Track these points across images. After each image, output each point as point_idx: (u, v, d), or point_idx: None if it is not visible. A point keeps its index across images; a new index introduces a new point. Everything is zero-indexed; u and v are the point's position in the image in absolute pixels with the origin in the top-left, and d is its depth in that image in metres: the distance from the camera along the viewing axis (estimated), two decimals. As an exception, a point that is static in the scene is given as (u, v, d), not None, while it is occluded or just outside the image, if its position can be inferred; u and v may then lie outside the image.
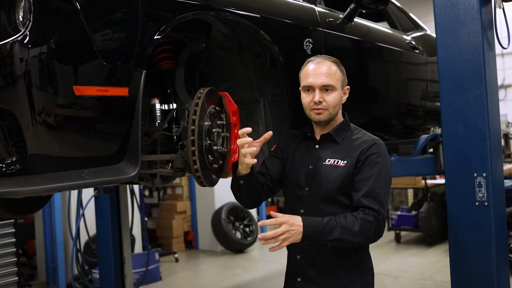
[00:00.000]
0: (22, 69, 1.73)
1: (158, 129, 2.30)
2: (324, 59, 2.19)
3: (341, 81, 2.18)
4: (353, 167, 2.11)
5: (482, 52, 2.74)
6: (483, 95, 2.73)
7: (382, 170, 2.10)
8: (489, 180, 2.70)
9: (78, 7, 1.82)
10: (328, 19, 3.00)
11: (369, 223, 1.99)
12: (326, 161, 2.16)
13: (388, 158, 2.18)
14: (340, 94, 2.18)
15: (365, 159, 2.10)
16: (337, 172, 2.12)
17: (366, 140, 2.16)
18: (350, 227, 1.97)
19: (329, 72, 2.14)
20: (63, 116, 1.82)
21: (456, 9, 2.81)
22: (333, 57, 2.22)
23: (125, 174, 1.94)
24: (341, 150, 2.17)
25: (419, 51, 4.00)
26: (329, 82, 2.13)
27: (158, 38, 2.06)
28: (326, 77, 2.13)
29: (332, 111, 2.15)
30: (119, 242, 4.78)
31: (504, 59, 11.09)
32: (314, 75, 2.14)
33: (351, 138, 2.20)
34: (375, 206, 2.02)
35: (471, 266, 2.75)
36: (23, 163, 1.82)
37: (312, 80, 2.14)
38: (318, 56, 2.22)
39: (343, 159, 2.13)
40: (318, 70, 2.14)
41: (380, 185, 2.08)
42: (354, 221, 1.98)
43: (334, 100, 2.14)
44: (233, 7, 2.38)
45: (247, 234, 7.94)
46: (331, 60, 2.19)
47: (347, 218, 1.99)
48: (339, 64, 2.20)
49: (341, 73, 2.19)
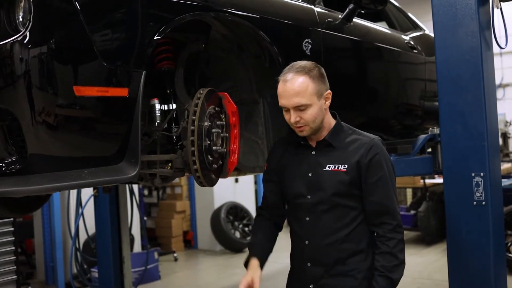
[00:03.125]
0: (22, 69, 1.74)
1: (157, 130, 2.30)
2: (295, 74, 2.07)
3: (315, 94, 2.07)
4: (355, 171, 2.11)
5: (480, 52, 2.75)
6: (481, 95, 2.74)
7: (389, 169, 2.14)
8: (487, 179, 2.71)
9: (78, 7, 1.83)
10: (327, 20, 3.01)
11: (399, 243, 2.09)
12: (326, 167, 2.14)
13: (387, 154, 2.19)
14: (318, 105, 2.09)
15: (368, 163, 2.10)
16: (339, 177, 2.12)
17: (363, 142, 2.15)
18: (395, 263, 2.07)
19: (300, 90, 2.04)
20: (63, 116, 1.83)
21: (454, 9, 2.82)
22: (306, 65, 2.11)
23: (125, 174, 1.95)
24: (339, 154, 2.15)
25: (417, 51, 4.01)
26: (300, 102, 2.05)
27: (158, 38, 2.06)
28: (297, 96, 2.05)
29: (313, 125, 2.11)
30: (118, 241, 4.78)
31: (503, 58, 11.09)
32: (285, 96, 2.07)
33: (347, 140, 2.18)
34: (393, 221, 2.10)
35: (469, 265, 2.76)
36: (23, 163, 1.83)
37: (285, 102, 2.08)
38: (289, 69, 2.10)
39: (344, 164, 2.12)
40: (288, 91, 2.06)
41: (390, 187, 2.12)
42: (392, 258, 2.08)
43: (311, 116, 2.08)
44: (233, 8, 2.38)
45: (246, 233, 7.94)
46: (302, 72, 2.07)
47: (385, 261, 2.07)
48: (311, 72, 2.08)
49: (314, 84, 2.07)
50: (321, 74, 2.13)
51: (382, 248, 2.09)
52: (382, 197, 2.11)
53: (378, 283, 2.06)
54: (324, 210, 2.14)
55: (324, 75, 2.15)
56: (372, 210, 2.13)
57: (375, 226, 2.14)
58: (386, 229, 2.10)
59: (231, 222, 7.84)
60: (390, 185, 2.13)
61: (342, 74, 3.23)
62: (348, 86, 3.25)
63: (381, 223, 2.12)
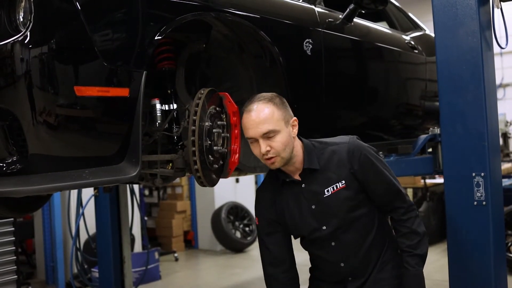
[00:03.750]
0: (22, 70, 1.74)
1: (158, 129, 2.30)
2: (258, 104, 2.06)
3: (282, 120, 2.06)
4: (354, 181, 2.11)
5: (480, 52, 2.75)
6: (481, 95, 2.74)
7: (378, 160, 2.15)
8: (487, 179, 2.71)
9: (79, 7, 1.83)
10: (328, 20, 3.01)
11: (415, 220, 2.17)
12: (325, 192, 2.12)
13: (365, 146, 2.16)
14: (286, 132, 2.06)
15: (359, 165, 2.11)
16: (343, 195, 2.12)
17: (342, 150, 2.13)
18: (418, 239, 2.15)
19: (266, 118, 2.03)
20: (64, 116, 1.83)
21: (455, 9, 2.82)
22: (267, 95, 2.10)
23: (125, 174, 1.95)
24: (328, 174, 2.13)
25: (418, 51, 4.01)
26: (268, 128, 2.02)
27: (159, 38, 2.06)
28: (264, 123, 2.02)
29: (284, 154, 2.06)
30: (118, 241, 4.78)
31: (503, 58, 11.09)
32: (252, 126, 2.05)
33: (326, 157, 2.14)
34: (404, 204, 2.16)
35: (469, 265, 2.76)
36: (24, 163, 1.83)
37: (252, 132, 2.05)
38: (251, 100, 2.10)
39: (339, 181, 2.11)
40: (255, 119, 2.04)
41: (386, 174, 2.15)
42: (414, 236, 2.15)
43: (281, 143, 2.04)
44: (233, 8, 2.39)
45: (246, 233, 7.94)
46: (265, 101, 2.07)
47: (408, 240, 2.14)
48: (273, 100, 2.08)
49: (280, 111, 2.06)
50: (283, 102, 2.12)
51: (402, 230, 2.16)
52: (385, 188, 2.15)
53: (409, 263, 2.13)
54: (345, 231, 2.15)
55: (285, 103, 2.13)
56: (382, 202, 2.18)
57: (389, 212, 2.22)
58: (400, 213, 2.16)
59: (231, 222, 7.84)
60: (387, 174, 2.16)
61: (343, 74, 3.23)
62: (348, 86, 3.25)
63: (394, 209, 2.18)
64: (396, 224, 2.19)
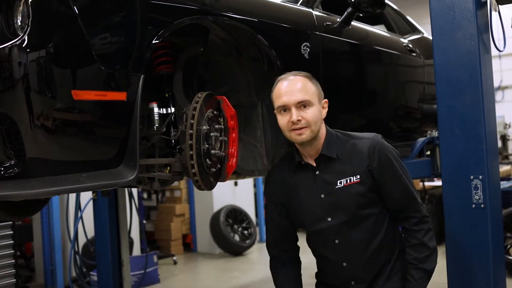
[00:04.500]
0: (20, 73, 1.74)
1: (156, 133, 2.31)
2: (295, 75, 2.09)
3: (317, 95, 2.07)
4: (369, 178, 2.06)
5: (478, 55, 2.75)
6: (479, 98, 2.74)
7: (398, 163, 2.11)
8: (485, 182, 2.71)
9: (76, 11, 1.84)
10: (326, 23, 3.01)
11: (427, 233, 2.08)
12: (338, 183, 2.08)
13: (390, 147, 2.14)
14: (319, 108, 2.07)
15: (378, 164, 2.06)
16: (356, 190, 2.06)
17: (365, 145, 2.09)
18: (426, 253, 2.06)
19: (302, 87, 2.04)
20: (62, 120, 1.83)
21: (452, 12, 2.82)
22: (302, 72, 2.12)
23: (123, 178, 1.95)
24: (345, 165, 2.08)
25: (416, 54, 4.01)
26: (304, 97, 2.02)
27: (156, 42, 2.06)
28: (301, 92, 2.02)
29: (314, 128, 2.04)
30: (117, 245, 4.78)
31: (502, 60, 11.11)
32: (287, 93, 2.04)
33: (347, 148, 2.11)
34: (417, 213, 2.09)
35: (468, 268, 2.75)
36: (22, 167, 1.83)
37: (286, 99, 2.03)
38: (287, 73, 2.13)
39: (354, 174, 2.06)
40: (291, 87, 2.04)
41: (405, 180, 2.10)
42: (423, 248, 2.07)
43: (313, 115, 2.03)
44: (231, 11, 2.39)
45: (245, 236, 7.94)
46: (302, 74, 2.09)
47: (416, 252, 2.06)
48: (311, 78, 2.11)
49: (315, 87, 2.09)
50: (318, 83, 2.13)
51: (411, 241, 2.08)
52: (401, 193, 2.09)
53: (413, 276, 2.05)
54: (351, 227, 2.09)
55: (319, 86, 2.14)
56: (395, 208, 2.12)
57: (401, 221, 2.14)
58: (412, 222, 2.10)
59: (230, 225, 7.84)
60: (405, 179, 2.10)
61: (341, 77, 3.23)
62: (346, 89, 3.25)
63: (406, 217, 2.11)
64: (407, 234, 2.12)
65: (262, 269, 6.81)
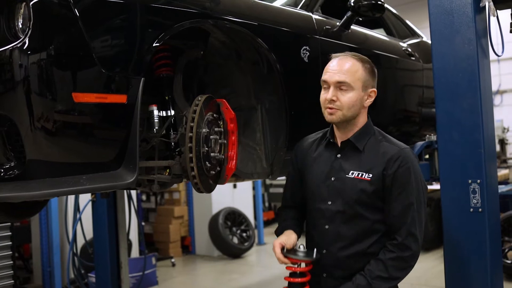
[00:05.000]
0: (21, 76, 1.75)
1: (156, 136, 2.31)
2: (349, 56, 2.05)
3: (362, 81, 2.03)
4: (379, 182, 2.01)
5: (477, 60, 2.76)
6: (477, 103, 2.75)
7: (415, 184, 2.01)
8: (484, 186, 2.71)
9: (77, 14, 1.85)
10: (325, 27, 3.03)
11: (395, 260, 1.98)
12: (350, 173, 2.06)
13: (417, 168, 2.06)
14: (359, 94, 2.03)
15: (393, 174, 2.00)
16: (362, 186, 2.03)
17: (391, 151, 2.05)
18: (381, 274, 1.96)
19: (348, 69, 2.01)
20: (62, 122, 1.84)
21: (451, 17, 2.83)
22: (362, 56, 2.09)
23: (123, 180, 1.95)
24: (365, 160, 2.06)
25: (415, 58, 4.03)
26: (344, 79, 2.00)
27: (157, 45, 2.08)
28: (343, 74, 2.00)
29: (346, 112, 2.02)
30: (116, 246, 4.78)
31: (500, 64, 11.13)
32: (332, 71, 2.03)
33: (376, 146, 2.08)
34: (398, 237, 2.00)
35: (466, 271, 2.76)
36: (22, 168, 1.84)
37: (327, 76, 2.03)
38: (347, 52, 2.10)
39: (368, 172, 2.03)
40: (337, 67, 2.02)
41: (415, 201, 2.01)
42: (381, 267, 1.97)
43: (349, 100, 2.01)
44: (231, 15, 2.40)
45: (244, 239, 7.94)
46: (357, 57, 2.06)
47: (373, 267, 1.98)
48: (366, 62, 2.07)
49: (365, 72, 2.04)
50: (373, 71, 2.10)
51: (379, 255, 2.02)
52: (400, 212, 2.01)
53: (355, 280, 1.99)
54: (344, 219, 2.06)
55: (375, 74, 2.11)
56: (390, 224, 2.04)
57: (388, 239, 2.06)
58: (392, 243, 2.02)
59: (229, 227, 7.84)
60: (412, 202, 2.01)
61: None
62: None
63: (393, 235, 2.04)
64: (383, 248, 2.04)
65: (261, 272, 6.82)
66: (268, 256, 7.98)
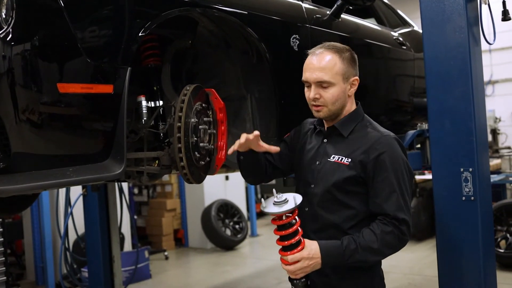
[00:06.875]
0: (5, 67, 1.72)
1: (144, 127, 2.29)
2: (325, 50, 2.03)
3: (341, 74, 2.02)
4: (359, 168, 1.99)
5: (468, 48, 2.75)
6: (469, 91, 2.74)
7: (396, 170, 1.98)
8: (476, 175, 2.71)
9: (62, 4, 1.81)
10: (315, 16, 3.00)
11: (390, 234, 1.93)
12: (331, 157, 2.06)
13: (399, 154, 2.02)
14: (341, 87, 2.03)
15: (373, 161, 1.98)
16: (340, 170, 2.02)
17: (372, 137, 2.04)
18: (371, 245, 1.91)
19: (325, 66, 2.00)
20: (47, 114, 1.81)
21: (442, 4, 2.82)
22: (339, 46, 2.06)
23: (110, 172, 1.93)
24: (347, 146, 2.06)
25: (406, 47, 4.01)
26: (323, 78, 2.00)
27: (143, 35, 2.04)
28: (322, 71, 2.00)
29: (331, 107, 2.04)
30: (108, 241, 4.76)
31: (492, 55, 11.14)
32: (310, 69, 2.03)
33: (361, 133, 2.08)
34: (392, 213, 1.94)
35: (458, 260, 2.76)
36: (7, 162, 1.80)
37: (307, 75, 2.04)
38: (321, 45, 2.07)
39: (348, 157, 2.02)
40: (314, 64, 2.02)
41: (397, 187, 1.97)
42: (373, 238, 1.92)
43: (331, 96, 2.02)
44: (220, 3, 2.37)
45: (237, 231, 7.93)
46: (333, 49, 2.04)
47: (366, 236, 1.92)
48: (343, 51, 2.04)
49: (343, 64, 2.02)
50: (353, 58, 2.08)
51: (372, 227, 1.95)
52: (383, 199, 1.97)
53: (346, 241, 1.92)
54: (320, 202, 2.05)
55: (355, 61, 2.09)
56: (374, 211, 2.00)
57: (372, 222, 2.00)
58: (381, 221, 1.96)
59: (221, 219, 7.83)
60: (394, 188, 1.97)
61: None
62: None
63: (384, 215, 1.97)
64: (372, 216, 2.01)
65: (254, 263, 6.81)
66: (261, 248, 7.98)
